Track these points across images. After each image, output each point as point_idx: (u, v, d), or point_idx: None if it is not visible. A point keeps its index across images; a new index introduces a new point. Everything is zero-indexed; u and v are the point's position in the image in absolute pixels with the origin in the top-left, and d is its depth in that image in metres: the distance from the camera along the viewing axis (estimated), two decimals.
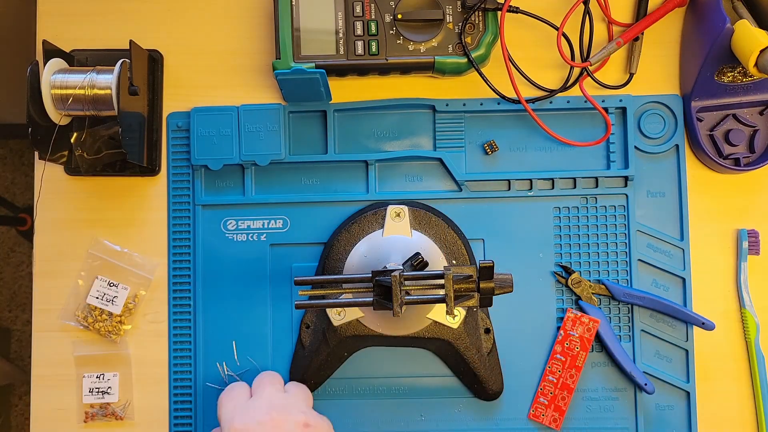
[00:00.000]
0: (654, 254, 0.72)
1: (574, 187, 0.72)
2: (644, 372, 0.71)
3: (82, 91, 0.67)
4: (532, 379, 0.72)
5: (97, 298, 0.72)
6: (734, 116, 0.72)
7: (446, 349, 0.69)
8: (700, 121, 0.72)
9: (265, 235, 0.73)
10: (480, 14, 0.70)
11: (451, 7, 0.70)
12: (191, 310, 0.73)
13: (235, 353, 0.72)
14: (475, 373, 0.69)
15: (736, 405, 0.72)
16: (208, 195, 0.73)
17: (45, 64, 0.67)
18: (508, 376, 0.71)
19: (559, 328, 0.71)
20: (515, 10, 0.71)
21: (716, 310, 0.72)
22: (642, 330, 0.71)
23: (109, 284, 0.72)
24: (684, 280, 0.72)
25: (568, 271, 0.71)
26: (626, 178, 0.72)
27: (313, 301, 0.63)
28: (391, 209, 0.68)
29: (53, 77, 0.67)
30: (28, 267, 1.56)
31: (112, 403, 0.72)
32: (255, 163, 0.72)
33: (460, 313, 0.67)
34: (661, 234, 0.72)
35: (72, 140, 0.71)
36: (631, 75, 0.73)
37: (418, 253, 0.64)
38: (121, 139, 0.66)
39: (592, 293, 0.71)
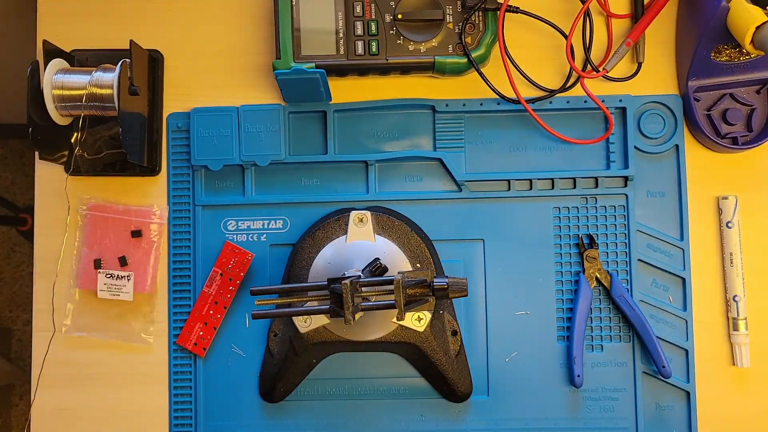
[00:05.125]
0: (654, 254, 0.72)
1: (574, 187, 0.72)
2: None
3: (82, 91, 0.67)
4: (538, 376, 0.72)
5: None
6: (731, 95, 0.71)
7: (413, 353, 0.69)
8: (698, 101, 0.71)
9: (265, 235, 0.73)
10: (480, 14, 0.70)
11: (451, 7, 0.70)
12: (191, 310, 0.73)
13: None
14: (443, 376, 0.69)
15: (736, 405, 0.72)
16: (208, 195, 0.73)
17: (45, 63, 0.67)
18: (510, 376, 0.71)
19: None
20: (515, 10, 0.71)
21: (716, 310, 0.72)
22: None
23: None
24: (684, 280, 0.72)
25: (592, 244, 0.71)
26: (626, 178, 0.72)
27: (269, 311, 0.63)
28: (354, 215, 0.68)
29: (54, 77, 0.67)
30: (28, 267, 1.56)
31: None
32: (255, 163, 0.72)
33: (425, 316, 0.67)
34: (661, 234, 0.72)
35: (72, 140, 0.71)
36: (640, 64, 0.73)
37: (376, 259, 0.64)
38: (121, 139, 0.66)
39: (596, 275, 0.71)
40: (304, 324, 0.67)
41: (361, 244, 0.68)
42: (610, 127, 0.71)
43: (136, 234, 0.72)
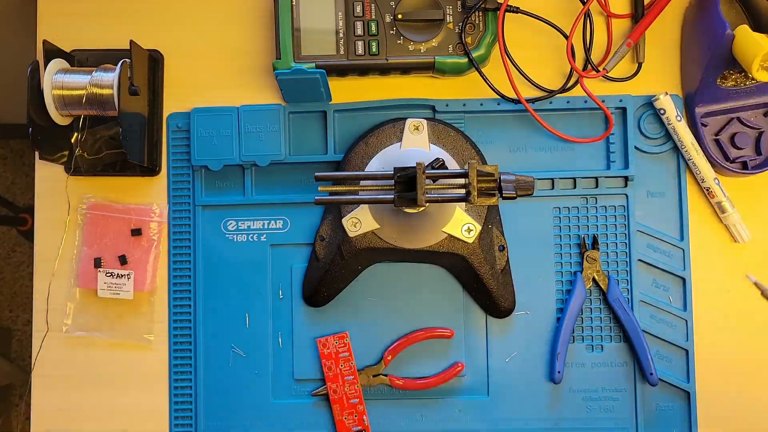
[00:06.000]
0: (654, 254, 0.72)
1: (574, 187, 0.72)
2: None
3: (83, 92, 0.67)
4: (538, 377, 0.72)
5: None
6: (739, 119, 0.71)
7: (460, 265, 0.69)
8: (705, 126, 0.72)
9: (265, 235, 0.73)
10: (480, 14, 0.70)
11: (451, 7, 0.70)
12: (191, 310, 0.73)
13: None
14: (488, 290, 0.69)
15: (736, 405, 0.72)
16: (208, 195, 0.73)
17: (45, 64, 0.67)
18: (510, 376, 0.71)
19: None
20: (515, 10, 0.71)
21: (716, 310, 0.72)
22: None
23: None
24: (684, 280, 0.72)
25: (595, 245, 0.71)
26: (626, 178, 0.72)
27: (333, 196, 0.61)
28: (410, 122, 0.68)
29: (54, 77, 0.67)
30: (28, 267, 1.56)
31: None
32: (255, 163, 0.72)
33: (475, 228, 0.67)
34: (661, 234, 0.72)
35: (72, 140, 0.71)
36: (640, 65, 0.73)
37: (438, 158, 0.63)
38: (121, 139, 0.66)
39: (594, 277, 0.71)
40: (353, 228, 0.67)
41: (415, 151, 0.67)
42: (611, 125, 0.71)
43: (136, 232, 0.72)
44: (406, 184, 0.57)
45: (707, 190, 0.71)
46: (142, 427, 0.72)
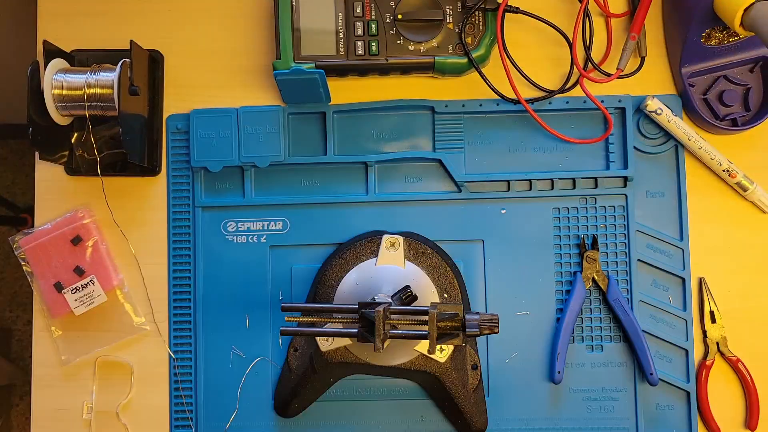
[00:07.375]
0: (654, 254, 0.72)
1: (574, 187, 0.72)
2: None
3: (83, 91, 0.67)
4: (538, 377, 0.72)
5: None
6: (725, 77, 0.72)
7: (432, 383, 0.68)
8: (692, 86, 0.72)
9: (264, 236, 0.73)
10: (480, 14, 0.70)
11: (451, 7, 0.70)
12: (191, 311, 0.73)
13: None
14: (459, 409, 0.68)
15: (736, 405, 0.72)
16: (208, 197, 0.73)
17: (46, 64, 0.67)
18: (510, 376, 0.71)
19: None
20: (514, 10, 0.71)
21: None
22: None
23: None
24: (684, 280, 0.72)
25: (594, 246, 0.71)
26: (625, 179, 0.72)
27: (298, 329, 0.62)
28: (386, 239, 0.68)
29: (54, 77, 0.67)
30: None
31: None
32: (255, 164, 0.72)
33: (447, 347, 0.66)
34: (661, 234, 0.72)
35: (72, 140, 0.71)
36: (643, 59, 0.73)
37: (407, 287, 0.63)
38: (121, 139, 0.66)
39: (594, 277, 0.71)
40: (326, 343, 0.66)
41: (390, 268, 0.67)
42: (610, 126, 0.71)
43: (77, 240, 0.72)
44: (368, 320, 0.57)
45: (726, 172, 0.71)
46: (143, 427, 0.73)
